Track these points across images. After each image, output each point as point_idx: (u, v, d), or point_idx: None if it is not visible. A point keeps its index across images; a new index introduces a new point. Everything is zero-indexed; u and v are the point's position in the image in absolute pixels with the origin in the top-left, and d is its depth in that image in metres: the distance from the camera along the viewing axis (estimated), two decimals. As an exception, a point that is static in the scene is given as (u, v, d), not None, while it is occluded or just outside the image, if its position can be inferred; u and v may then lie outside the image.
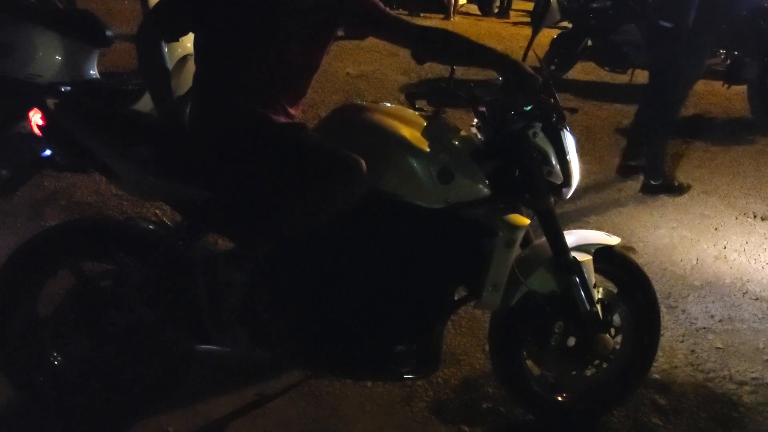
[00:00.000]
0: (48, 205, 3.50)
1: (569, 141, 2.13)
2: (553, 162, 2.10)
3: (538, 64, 2.16)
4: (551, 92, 2.10)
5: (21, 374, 2.14)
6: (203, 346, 2.08)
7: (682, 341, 2.96)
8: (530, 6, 11.18)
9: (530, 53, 2.14)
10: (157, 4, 2.00)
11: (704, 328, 3.08)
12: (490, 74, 2.09)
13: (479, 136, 2.16)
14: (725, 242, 3.99)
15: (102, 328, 2.06)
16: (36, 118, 1.98)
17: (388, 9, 2.14)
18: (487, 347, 2.44)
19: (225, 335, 2.06)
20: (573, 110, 2.12)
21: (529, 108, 2.07)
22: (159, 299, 2.05)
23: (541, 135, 2.08)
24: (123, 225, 2.19)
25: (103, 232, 2.12)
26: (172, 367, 2.18)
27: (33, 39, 3.91)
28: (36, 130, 1.99)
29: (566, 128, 2.13)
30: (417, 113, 2.15)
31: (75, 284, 2.09)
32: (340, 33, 2.14)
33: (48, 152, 2.03)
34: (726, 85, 7.18)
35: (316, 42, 2.06)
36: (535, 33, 2.11)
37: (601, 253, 2.26)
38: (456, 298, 2.21)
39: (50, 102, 2.02)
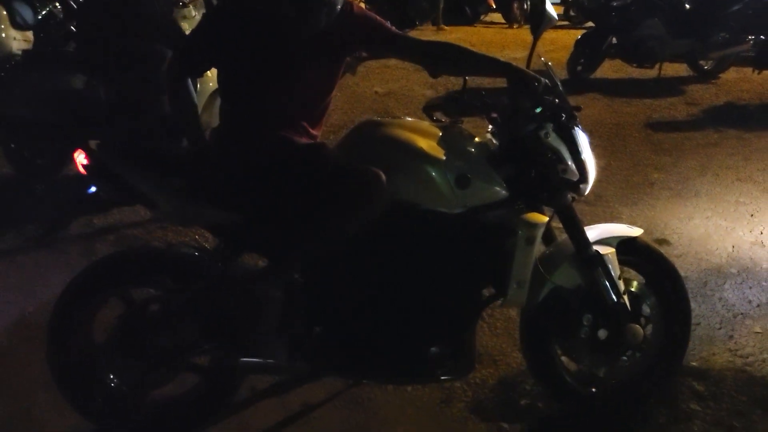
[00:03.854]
0: (98, 241, 3.69)
1: (582, 138, 2.20)
2: (568, 160, 2.17)
3: (544, 68, 2.23)
4: (558, 93, 2.18)
5: (81, 398, 2.28)
6: (246, 359, 2.20)
7: (720, 328, 2.96)
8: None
9: (536, 57, 2.22)
10: (180, 44, 2.16)
11: (742, 314, 3.07)
12: (502, 82, 2.18)
13: (494, 141, 2.25)
14: (762, 228, 3.96)
15: (151, 350, 2.20)
16: (80, 158, 2.14)
17: (393, 28, 2.25)
18: (523, 346, 2.49)
19: (265, 348, 2.18)
20: (577, 108, 2.20)
21: (539, 110, 2.15)
22: (202, 318, 2.17)
23: (553, 135, 2.16)
24: (165, 252, 2.34)
25: (147, 260, 2.27)
26: (220, 382, 2.31)
27: None
28: (81, 170, 2.15)
29: (578, 126, 2.20)
30: (432, 124, 2.26)
31: (124, 310, 2.24)
32: (364, 54, 2.26)
33: (93, 189, 2.19)
34: (756, 71, 7.11)
35: (328, 67, 2.18)
36: (535, 40, 2.19)
37: (625, 245, 2.31)
38: (484, 298, 2.28)
39: (92, 143, 2.19)
